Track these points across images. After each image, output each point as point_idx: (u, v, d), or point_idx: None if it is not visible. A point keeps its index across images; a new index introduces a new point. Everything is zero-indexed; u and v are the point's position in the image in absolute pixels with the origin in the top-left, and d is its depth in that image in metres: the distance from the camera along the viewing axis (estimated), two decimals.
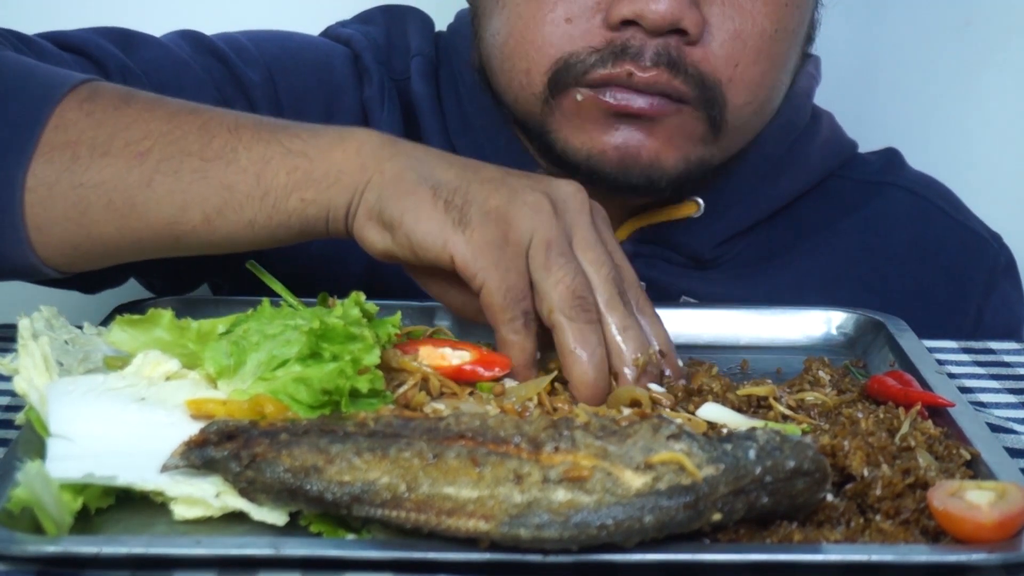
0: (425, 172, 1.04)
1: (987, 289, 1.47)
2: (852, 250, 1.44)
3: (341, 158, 1.05)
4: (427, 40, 1.45)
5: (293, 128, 1.09)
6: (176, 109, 1.11)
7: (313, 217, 1.06)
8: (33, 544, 0.83)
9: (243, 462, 0.87)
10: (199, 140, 1.07)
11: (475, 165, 1.06)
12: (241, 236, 1.08)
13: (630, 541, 0.83)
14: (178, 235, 1.08)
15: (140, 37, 1.34)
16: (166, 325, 1.02)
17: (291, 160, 1.06)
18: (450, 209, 1.02)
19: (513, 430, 0.88)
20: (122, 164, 1.07)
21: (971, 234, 1.49)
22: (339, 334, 0.99)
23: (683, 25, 1.22)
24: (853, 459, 0.93)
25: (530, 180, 1.06)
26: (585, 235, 1.05)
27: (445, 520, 0.83)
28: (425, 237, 1.02)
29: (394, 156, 1.05)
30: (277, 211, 1.06)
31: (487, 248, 1.01)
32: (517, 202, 1.03)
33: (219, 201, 1.06)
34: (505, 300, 1.01)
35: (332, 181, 1.05)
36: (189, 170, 1.06)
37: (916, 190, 1.49)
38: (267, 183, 1.06)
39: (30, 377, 0.97)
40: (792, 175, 1.43)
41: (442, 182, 1.03)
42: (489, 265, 1.01)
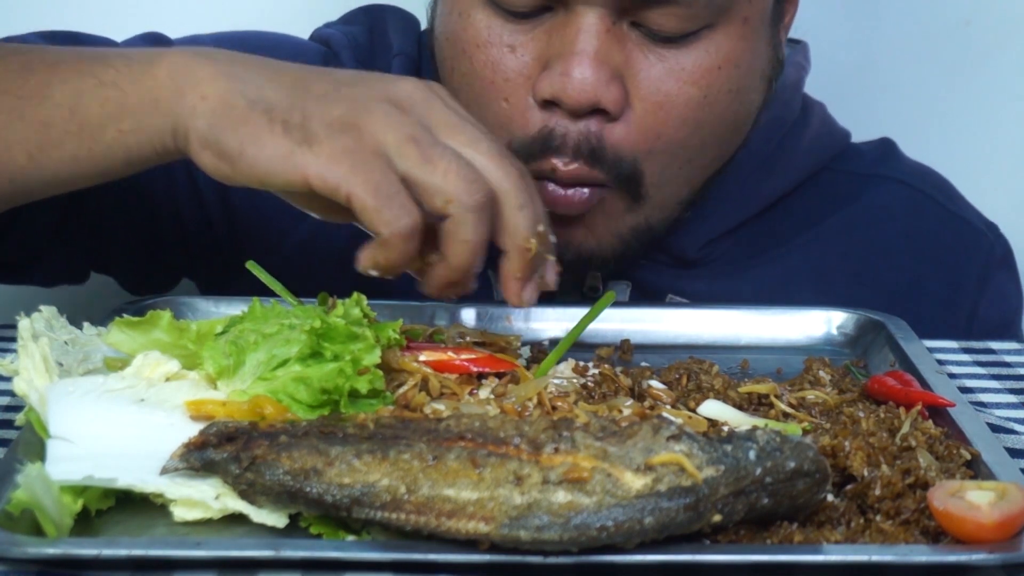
0: (253, 94, 1.00)
1: (982, 280, 1.46)
2: (844, 244, 1.43)
3: (153, 84, 1.03)
4: (409, 39, 1.44)
5: (111, 57, 1.07)
6: (6, 52, 1.11)
7: (135, 146, 1.05)
8: (33, 546, 0.83)
9: (243, 464, 0.87)
10: (17, 79, 1.08)
11: (304, 78, 1.03)
12: (70, 172, 1.07)
13: (630, 542, 0.83)
14: (10, 176, 1.08)
15: (90, 39, 1.34)
16: (165, 326, 1.02)
17: (103, 91, 1.04)
18: (289, 129, 0.98)
19: (513, 431, 0.88)
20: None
21: (966, 225, 1.48)
22: (340, 333, 0.99)
23: (602, 104, 1.20)
24: (854, 460, 0.93)
25: (365, 86, 1.03)
26: (447, 121, 1.01)
27: (445, 522, 0.83)
28: (270, 165, 0.98)
29: (214, 78, 1.02)
30: (96, 144, 1.05)
31: (341, 157, 0.97)
32: (361, 106, 0.99)
33: (38, 139, 1.06)
34: (376, 199, 0.96)
35: (148, 109, 1.03)
36: (6, 109, 1.07)
37: (910, 182, 1.48)
38: (81, 117, 1.05)
39: (30, 378, 0.97)
40: (781, 172, 1.41)
41: (274, 103, 1.00)
42: (347, 172, 0.97)
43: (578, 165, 1.22)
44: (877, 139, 1.52)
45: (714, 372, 1.10)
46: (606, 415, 0.98)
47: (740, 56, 1.25)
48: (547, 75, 1.21)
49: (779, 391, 1.06)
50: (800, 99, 1.44)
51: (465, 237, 0.99)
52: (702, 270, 1.39)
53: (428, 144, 0.98)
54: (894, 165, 1.49)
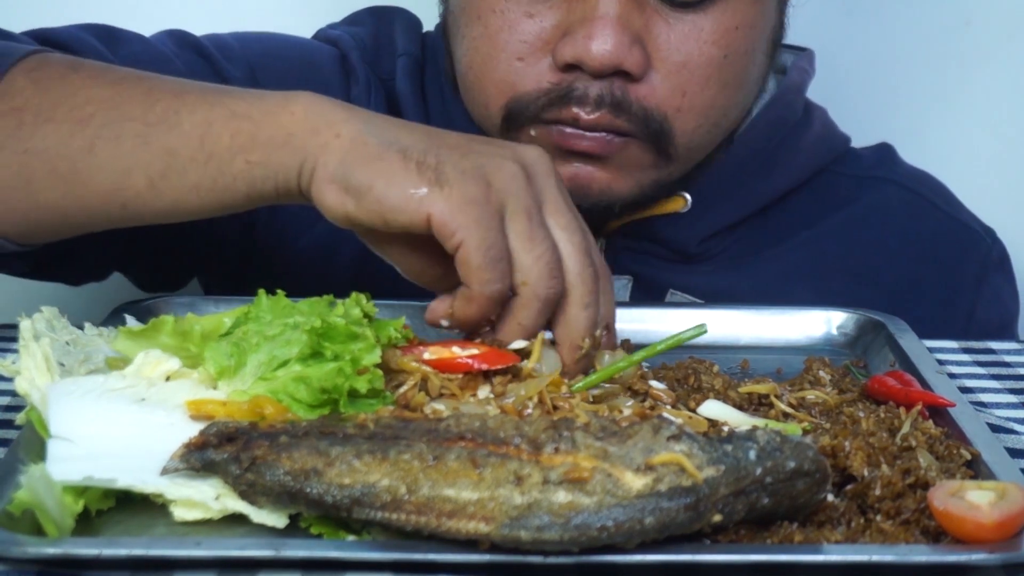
0: (387, 136, 1.02)
1: (979, 283, 1.47)
2: (843, 245, 1.44)
3: (288, 120, 1.03)
4: (414, 40, 1.46)
5: (238, 92, 1.08)
6: (122, 76, 1.11)
7: (260, 179, 1.04)
8: (34, 546, 0.83)
9: (243, 465, 0.87)
10: (142, 105, 1.07)
11: (436, 131, 1.05)
12: (188, 201, 1.07)
13: (631, 542, 0.83)
14: (124, 201, 1.07)
15: (124, 33, 1.35)
16: (170, 332, 1.02)
17: (235, 123, 1.04)
18: (424, 169, 1.00)
19: (513, 431, 0.88)
20: (65, 130, 1.07)
21: (964, 228, 1.49)
22: (341, 333, 0.99)
23: (625, 67, 1.23)
24: (854, 460, 0.93)
25: (497, 145, 1.06)
26: (555, 200, 1.04)
27: (446, 522, 0.83)
28: (399, 201, 0.99)
29: (348, 120, 1.03)
30: (222, 174, 1.04)
31: (467, 206, 0.99)
32: (492, 163, 1.01)
33: (162, 165, 1.06)
34: (485, 259, 0.99)
35: (280, 143, 1.03)
36: (131, 135, 1.06)
37: (909, 184, 1.49)
38: (210, 146, 1.04)
39: (31, 378, 0.97)
40: (782, 170, 1.42)
41: (409, 146, 1.01)
42: (470, 223, 0.98)
43: (601, 114, 1.24)
44: (876, 144, 1.53)
45: (714, 372, 1.10)
46: (606, 415, 0.98)
47: (755, 17, 1.30)
48: (569, 39, 1.23)
49: (779, 391, 1.06)
50: (803, 101, 1.46)
51: (522, 321, 1.02)
52: (702, 265, 1.40)
53: (536, 223, 1.01)
54: (892, 168, 1.50)
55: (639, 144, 1.27)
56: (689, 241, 1.39)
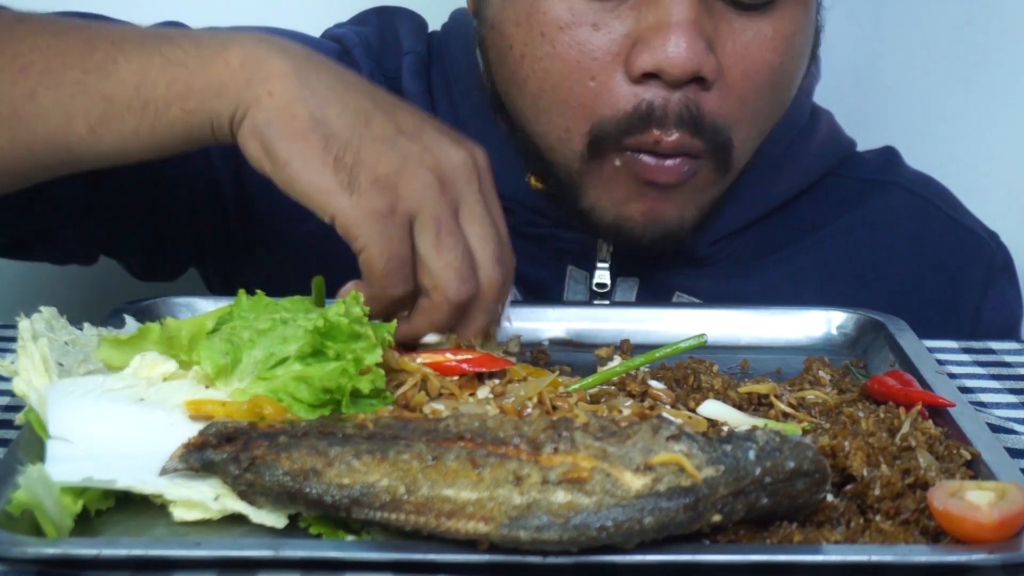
0: (318, 111, 1.04)
1: (984, 287, 1.47)
2: (849, 248, 1.45)
3: (223, 70, 1.06)
4: (419, 39, 1.45)
5: (177, 38, 1.09)
6: (68, 26, 1.13)
7: (196, 126, 1.07)
8: (33, 546, 0.83)
9: (242, 465, 0.87)
10: (81, 52, 1.09)
11: (367, 112, 1.06)
12: (129, 146, 1.09)
13: (630, 542, 0.83)
14: (68, 145, 1.09)
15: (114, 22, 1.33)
16: (155, 339, 1.01)
17: (170, 71, 1.06)
18: (339, 168, 1.03)
19: (512, 431, 0.88)
20: (6, 77, 1.09)
21: (968, 233, 1.49)
22: (343, 332, 0.98)
23: (703, 73, 1.22)
24: (853, 460, 0.93)
25: (420, 145, 1.06)
26: (473, 206, 1.06)
27: (445, 522, 0.83)
28: (309, 189, 1.03)
29: (285, 75, 1.05)
30: (159, 121, 1.07)
31: (372, 217, 1.02)
32: (407, 172, 1.04)
33: (100, 112, 1.08)
34: (386, 268, 1.03)
35: (214, 93, 1.06)
36: (70, 82, 1.08)
37: (914, 188, 1.49)
38: (147, 94, 1.07)
39: (29, 378, 0.97)
40: (789, 174, 1.43)
41: (334, 131, 1.03)
42: (373, 233, 1.02)
43: (680, 135, 1.24)
44: (881, 147, 1.53)
45: (714, 372, 1.10)
46: (606, 415, 0.98)
47: (807, 22, 1.30)
48: (645, 48, 1.22)
49: (779, 391, 1.06)
50: (810, 105, 1.46)
51: (432, 321, 1.06)
52: (710, 269, 1.40)
53: (446, 230, 1.04)
54: (898, 172, 1.51)
55: (707, 165, 1.27)
56: (697, 244, 1.39)
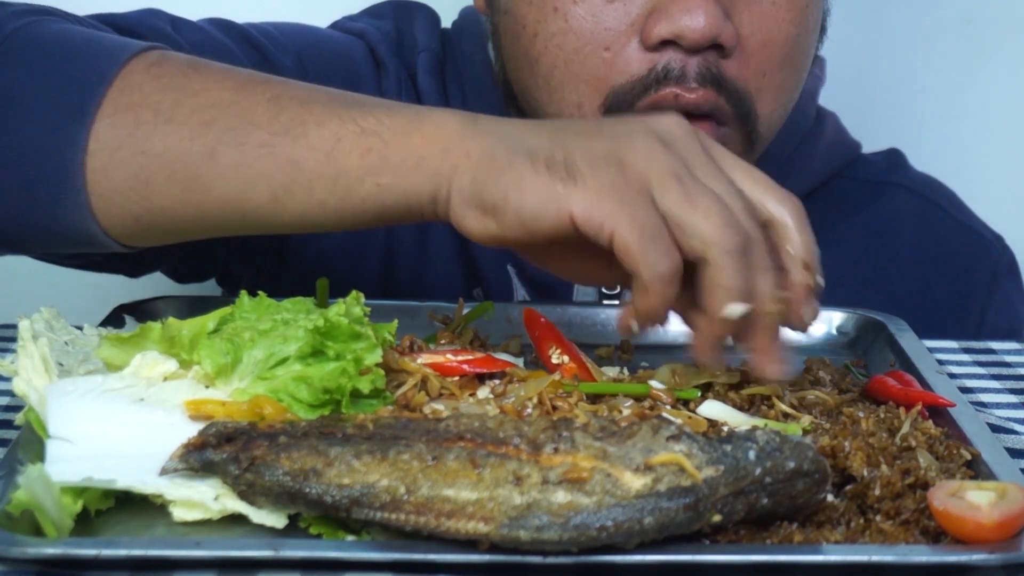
0: (514, 144, 0.96)
1: (989, 290, 1.47)
2: (855, 250, 1.45)
3: (420, 141, 0.98)
4: (433, 36, 1.45)
5: (368, 105, 1.02)
6: (247, 79, 1.05)
7: (391, 203, 0.99)
8: (33, 546, 0.83)
9: (242, 465, 0.87)
10: (267, 112, 1.01)
11: (563, 122, 1.02)
12: (313, 217, 1.01)
13: (630, 542, 0.83)
14: (244, 212, 1.03)
15: (182, 20, 1.33)
16: (157, 338, 1.00)
17: (365, 140, 0.99)
18: (554, 168, 0.94)
19: (512, 431, 0.88)
20: (185, 133, 1.02)
21: (974, 235, 1.50)
22: (343, 332, 0.98)
23: (721, 40, 1.22)
24: (854, 460, 0.92)
25: (626, 123, 0.99)
26: (703, 165, 0.96)
27: (445, 522, 0.83)
28: (535, 206, 0.93)
29: (478, 135, 0.97)
30: (350, 194, 0.99)
31: (606, 193, 0.92)
32: (623, 142, 0.95)
33: (286, 179, 1.00)
34: (641, 240, 0.91)
35: (412, 167, 0.98)
36: (255, 144, 1.00)
37: (919, 190, 1.50)
38: (339, 164, 0.99)
39: (29, 378, 0.97)
40: (796, 176, 1.43)
41: (535, 147, 0.95)
42: (613, 209, 0.92)
43: (704, 91, 1.23)
44: (886, 149, 1.53)
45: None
46: (606, 415, 0.98)
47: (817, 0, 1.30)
48: (662, 16, 1.22)
49: (780, 391, 1.06)
50: (815, 107, 1.46)
51: (726, 284, 0.93)
52: None
53: (690, 183, 0.94)
54: (903, 174, 1.51)
55: (730, 132, 1.27)
56: None
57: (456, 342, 1.12)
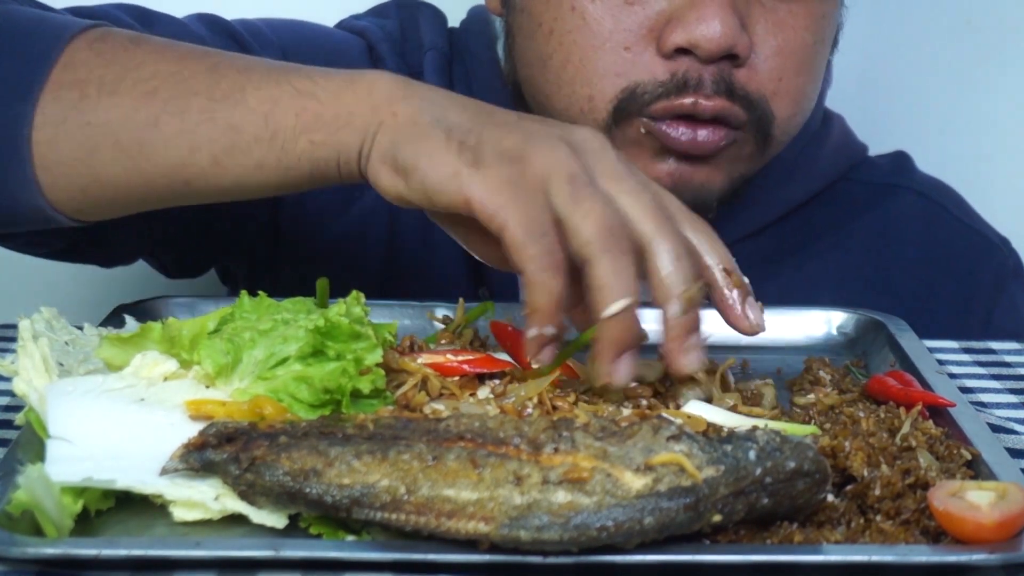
0: (438, 114, 1.00)
1: (995, 293, 1.47)
2: (861, 253, 1.45)
3: (352, 100, 1.02)
4: (440, 35, 1.45)
5: (304, 70, 1.06)
6: (187, 51, 1.09)
7: (323, 160, 1.03)
8: (33, 546, 0.83)
9: (242, 465, 0.87)
10: (207, 80, 1.05)
11: (489, 108, 1.03)
12: (251, 179, 1.05)
13: (630, 542, 0.83)
14: (187, 178, 1.06)
15: (157, 15, 1.34)
16: (157, 338, 1.00)
17: (300, 101, 1.03)
18: (463, 150, 0.97)
19: (513, 431, 0.88)
20: (129, 103, 1.05)
21: (980, 238, 1.50)
22: (344, 332, 0.98)
23: (736, 50, 1.23)
24: (854, 460, 0.93)
25: (545, 124, 1.03)
26: (613, 168, 0.99)
27: (445, 522, 0.83)
28: (439, 181, 0.97)
29: (407, 97, 1.02)
30: (286, 153, 1.03)
31: (503, 186, 0.96)
32: (534, 141, 0.98)
33: (227, 142, 1.04)
34: (527, 235, 0.94)
35: (342, 123, 1.02)
36: (196, 110, 1.04)
37: (926, 193, 1.50)
38: (275, 124, 1.03)
39: (29, 378, 0.97)
40: (803, 178, 1.43)
41: (455, 124, 0.99)
42: (507, 202, 0.95)
43: (720, 100, 1.24)
44: (892, 152, 1.54)
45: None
46: (606, 415, 0.98)
47: (835, 7, 1.32)
48: (678, 24, 1.23)
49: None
50: (822, 109, 1.46)
51: (600, 281, 0.94)
52: None
53: (582, 184, 0.96)
54: (910, 176, 1.51)
55: (744, 135, 1.28)
56: None
57: (456, 342, 1.12)
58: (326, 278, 1.10)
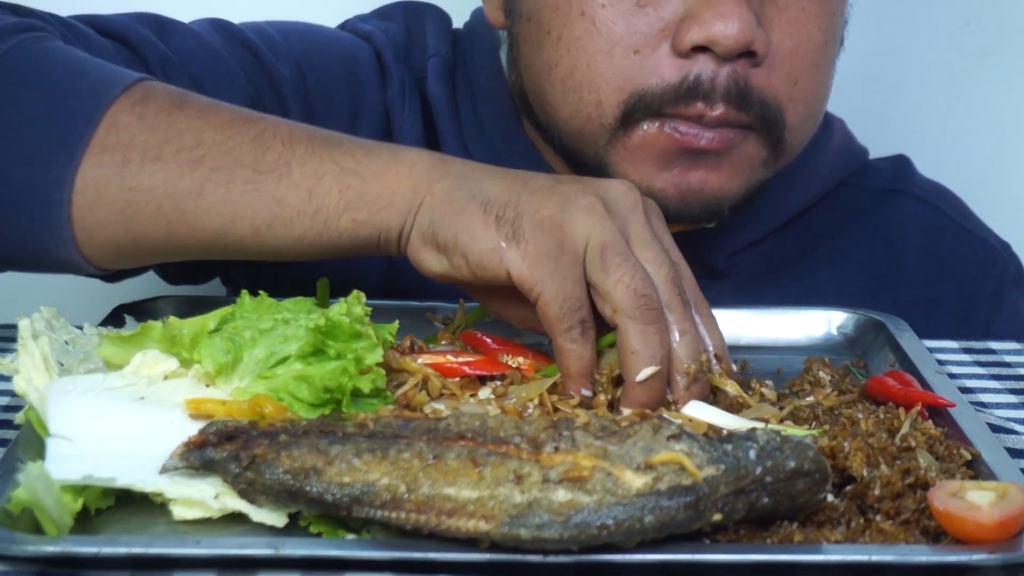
0: (474, 189, 1.03)
1: (996, 298, 1.47)
2: (862, 259, 1.44)
3: (394, 180, 1.04)
4: (444, 39, 1.44)
5: (347, 144, 1.08)
6: (230, 117, 1.09)
7: (364, 237, 1.05)
8: (33, 544, 0.83)
9: (242, 463, 0.87)
10: (253, 151, 1.06)
11: (524, 176, 1.05)
12: (289, 249, 1.07)
13: (630, 541, 0.83)
14: (226, 244, 1.07)
15: (173, 24, 1.33)
16: (158, 337, 1.01)
17: (344, 179, 1.05)
18: (502, 224, 1.01)
19: (513, 430, 0.88)
20: (173, 171, 1.06)
21: (981, 243, 1.49)
22: (344, 331, 0.98)
23: (754, 47, 1.22)
24: (853, 460, 0.93)
25: (581, 184, 1.05)
26: (640, 233, 1.03)
27: (445, 521, 0.83)
28: (481, 256, 1.01)
29: (444, 176, 1.04)
30: (328, 229, 1.05)
31: (542, 259, 1.00)
32: (570, 209, 1.01)
33: (269, 215, 1.05)
34: (561, 310, 0.99)
35: (385, 203, 1.04)
36: (241, 181, 1.05)
37: (927, 198, 1.49)
38: (319, 200, 1.05)
39: (30, 377, 0.97)
40: (804, 185, 1.42)
41: (491, 197, 1.02)
42: (545, 276, 0.99)
43: (725, 109, 1.23)
44: (893, 155, 1.53)
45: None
46: (606, 415, 0.98)
47: (843, 4, 1.31)
48: (695, 22, 1.21)
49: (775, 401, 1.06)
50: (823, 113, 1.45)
51: (631, 348, 1.00)
52: (727, 282, 1.39)
53: (614, 252, 1.01)
54: (910, 181, 1.51)
55: (755, 138, 1.26)
56: (717, 257, 1.38)
57: (456, 343, 1.12)
58: (326, 278, 1.10)
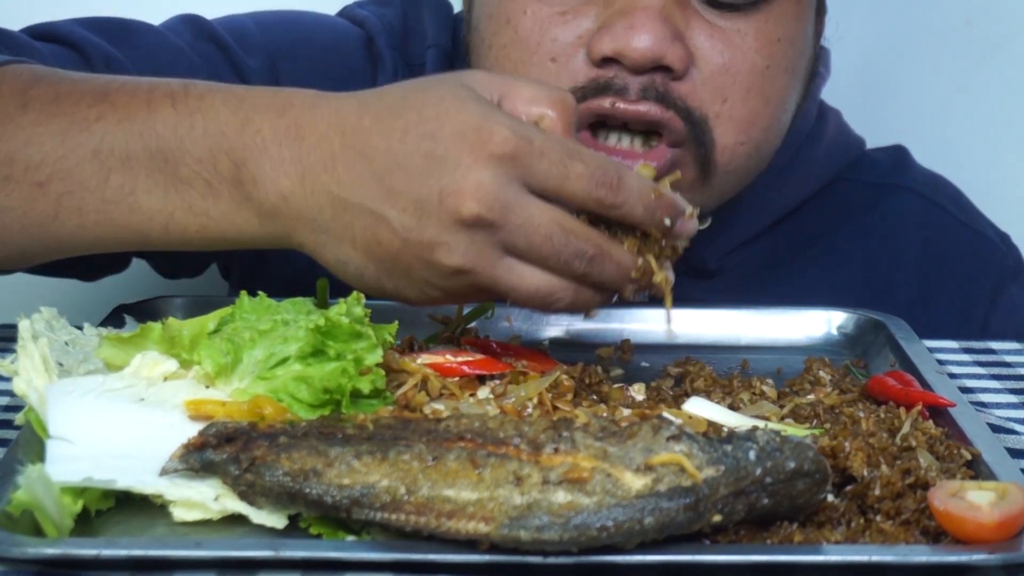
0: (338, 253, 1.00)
1: (995, 292, 1.46)
2: (859, 255, 1.44)
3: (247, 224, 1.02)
4: (444, 28, 1.43)
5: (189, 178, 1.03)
6: (69, 119, 1.05)
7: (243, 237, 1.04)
8: (33, 546, 0.83)
9: (242, 465, 0.87)
10: (95, 175, 1.04)
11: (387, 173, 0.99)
12: (179, 247, 1.07)
13: (630, 542, 0.83)
14: (106, 248, 1.08)
15: (135, 26, 1.32)
16: (157, 338, 1.00)
17: (196, 220, 1.03)
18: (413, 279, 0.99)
19: (513, 432, 0.88)
20: (26, 193, 1.05)
21: (979, 237, 1.48)
22: (344, 332, 0.98)
23: (666, 62, 1.20)
24: (854, 460, 0.93)
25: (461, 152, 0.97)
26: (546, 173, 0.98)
27: (445, 522, 0.83)
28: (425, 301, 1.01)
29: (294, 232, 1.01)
30: (198, 244, 1.05)
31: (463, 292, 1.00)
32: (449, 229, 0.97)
33: (135, 239, 1.05)
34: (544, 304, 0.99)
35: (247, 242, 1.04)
36: (92, 211, 1.04)
37: (924, 192, 1.48)
38: (178, 235, 1.04)
39: (29, 378, 0.97)
40: (798, 180, 1.41)
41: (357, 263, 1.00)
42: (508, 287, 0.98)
43: (647, 105, 1.21)
44: (891, 146, 1.52)
45: (704, 374, 1.11)
46: (606, 415, 0.98)
47: (795, 35, 1.27)
48: (606, 32, 1.20)
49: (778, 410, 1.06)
50: (816, 108, 1.44)
51: None
52: (720, 281, 1.39)
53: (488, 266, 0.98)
54: (908, 174, 1.49)
55: (683, 154, 1.23)
56: (709, 257, 1.38)
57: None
58: (325, 279, 1.10)
